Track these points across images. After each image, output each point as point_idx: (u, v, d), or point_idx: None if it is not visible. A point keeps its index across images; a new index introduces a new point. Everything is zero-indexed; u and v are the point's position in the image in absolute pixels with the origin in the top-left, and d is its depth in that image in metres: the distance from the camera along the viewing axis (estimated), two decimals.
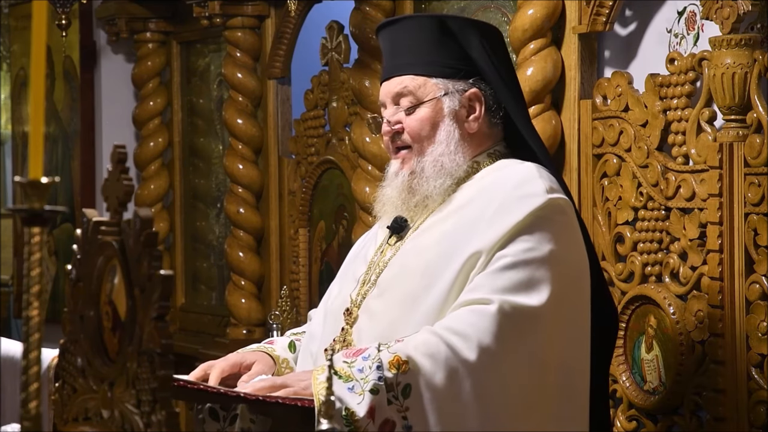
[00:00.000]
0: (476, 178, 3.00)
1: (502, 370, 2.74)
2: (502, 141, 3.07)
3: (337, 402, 2.65)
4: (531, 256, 2.81)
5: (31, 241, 1.96)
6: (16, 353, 4.06)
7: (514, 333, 2.75)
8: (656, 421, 3.53)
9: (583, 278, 2.91)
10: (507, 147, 3.07)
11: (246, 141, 5.26)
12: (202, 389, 2.85)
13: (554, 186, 2.92)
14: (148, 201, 5.89)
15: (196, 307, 5.86)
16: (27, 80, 6.40)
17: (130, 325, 2.13)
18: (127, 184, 2.16)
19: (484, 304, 2.75)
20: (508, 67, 3.10)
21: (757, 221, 3.23)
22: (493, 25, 3.18)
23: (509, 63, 3.13)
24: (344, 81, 4.80)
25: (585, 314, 2.90)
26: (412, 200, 3.00)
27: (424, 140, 3.00)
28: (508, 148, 3.07)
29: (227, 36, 5.27)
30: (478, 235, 2.84)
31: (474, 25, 3.07)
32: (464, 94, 3.01)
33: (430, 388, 2.70)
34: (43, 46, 1.99)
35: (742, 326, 3.26)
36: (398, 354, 2.71)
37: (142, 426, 2.07)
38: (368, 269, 3.03)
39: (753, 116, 3.25)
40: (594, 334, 2.92)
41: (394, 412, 2.69)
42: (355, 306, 2.97)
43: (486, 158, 3.04)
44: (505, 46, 3.14)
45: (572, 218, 2.94)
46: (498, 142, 3.07)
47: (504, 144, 3.08)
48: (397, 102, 3.03)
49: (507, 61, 3.11)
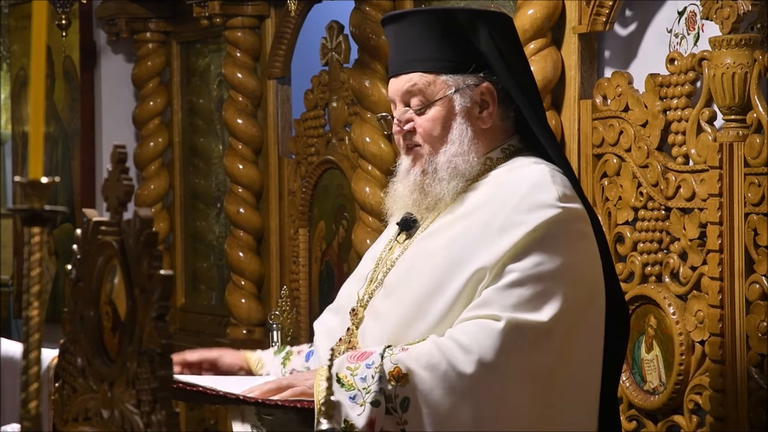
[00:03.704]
0: (490, 176, 2.91)
1: (502, 387, 2.69)
2: (516, 135, 2.97)
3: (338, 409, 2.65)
4: (541, 270, 2.74)
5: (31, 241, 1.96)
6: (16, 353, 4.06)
7: (519, 350, 2.70)
8: (656, 421, 3.53)
9: (597, 290, 2.84)
10: (521, 140, 2.97)
11: (246, 141, 5.26)
12: (201, 391, 2.85)
13: (567, 192, 2.83)
14: (148, 201, 5.88)
15: (196, 307, 5.86)
16: (27, 80, 6.39)
17: (130, 325, 2.13)
18: (127, 184, 2.16)
19: (493, 320, 2.70)
20: (519, 57, 2.99)
21: (757, 221, 3.22)
22: (504, 13, 3.09)
23: (521, 53, 3.02)
24: (344, 81, 4.79)
25: (598, 327, 2.83)
26: (423, 201, 2.92)
27: (436, 140, 2.91)
28: (522, 141, 2.97)
29: (227, 36, 5.27)
30: (487, 246, 2.77)
31: (483, 17, 2.95)
32: (475, 89, 2.90)
33: (427, 403, 2.68)
34: (43, 46, 1.99)
35: (742, 326, 3.26)
36: (399, 365, 2.69)
37: (142, 426, 2.07)
38: (376, 266, 2.98)
39: (753, 116, 3.25)
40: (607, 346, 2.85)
41: (393, 424, 2.67)
42: (362, 306, 2.93)
43: (500, 153, 2.94)
44: (516, 35, 3.03)
45: (585, 227, 2.85)
46: (512, 136, 2.97)
47: (518, 137, 2.97)
48: (406, 101, 2.93)
49: (518, 52, 3.00)
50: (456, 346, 2.70)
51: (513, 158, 2.95)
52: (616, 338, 2.94)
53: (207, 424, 5.47)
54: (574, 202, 2.84)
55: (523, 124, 2.96)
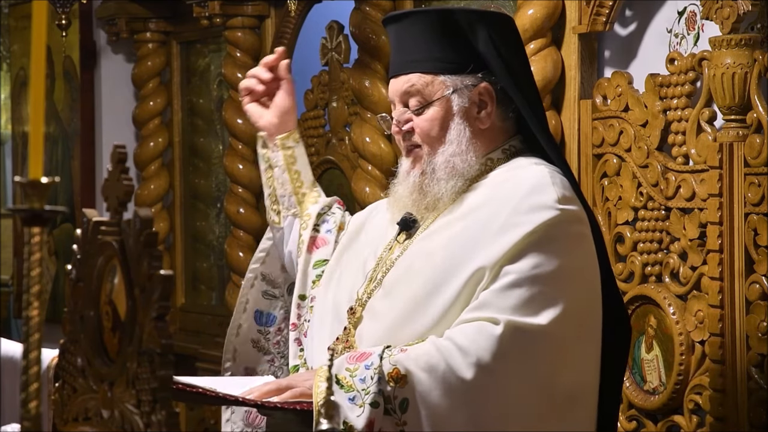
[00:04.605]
0: (490, 176, 2.90)
1: (501, 390, 2.69)
2: (517, 135, 2.96)
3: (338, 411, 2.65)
4: (540, 272, 2.73)
5: (31, 241, 1.96)
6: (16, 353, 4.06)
7: (517, 353, 2.69)
8: (656, 421, 3.53)
9: (595, 293, 2.83)
10: (523, 141, 2.96)
11: (246, 141, 5.26)
12: (201, 392, 2.84)
13: (567, 194, 2.82)
14: (148, 201, 5.89)
15: (196, 307, 5.86)
16: (27, 80, 6.39)
17: (130, 325, 2.13)
18: (127, 184, 2.16)
19: (492, 323, 2.70)
20: (519, 58, 2.98)
21: (757, 221, 3.22)
22: (505, 14, 3.08)
23: (521, 54, 3.01)
24: (344, 81, 4.79)
25: (595, 330, 2.83)
26: (422, 201, 2.92)
27: (434, 141, 2.90)
28: (524, 142, 2.96)
29: (227, 36, 5.27)
30: (485, 246, 2.77)
31: (482, 17, 2.94)
32: (473, 89, 2.90)
33: (426, 404, 2.68)
34: (43, 46, 1.99)
35: (742, 326, 3.26)
36: (398, 366, 2.69)
37: (142, 426, 2.07)
38: (376, 266, 2.97)
39: (753, 116, 3.25)
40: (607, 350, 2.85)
41: (392, 425, 2.67)
42: (360, 305, 2.93)
43: (500, 154, 2.93)
44: (517, 35, 3.01)
45: (584, 228, 2.84)
46: (512, 137, 2.96)
47: (520, 138, 2.96)
48: (405, 101, 2.93)
49: (518, 53, 2.98)
50: (455, 348, 2.69)
51: (513, 159, 2.94)
52: (617, 342, 2.93)
53: (207, 424, 5.47)
54: (573, 204, 2.83)
55: (525, 124, 2.95)
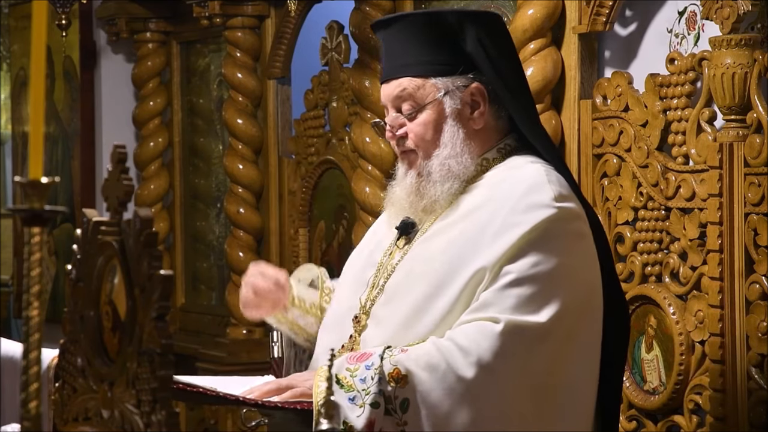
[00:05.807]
0: (486, 177, 2.90)
1: (501, 389, 2.69)
2: (511, 133, 2.95)
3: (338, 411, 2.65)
4: (539, 271, 2.73)
5: (31, 241, 1.96)
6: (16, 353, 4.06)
7: (517, 352, 2.69)
8: (656, 421, 3.53)
9: (595, 290, 2.83)
10: (518, 139, 2.95)
11: (246, 141, 5.26)
12: (201, 392, 2.85)
13: (564, 191, 2.82)
14: (148, 201, 5.89)
15: (196, 307, 5.86)
16: (27, 80, 6.39)
17: (130, 325, 2.13)
18: (127, 184, 2.16)
19: (492, 322, 2.70)
20: (509, 57, 2.96)
21: (757, 221, 3.22)
22: (494, 13, 3.05)
23: (512, 53, 2.99)
24: (344, 81, 4.80)
25: (595, 328, 2.82)
26: (419, 203, 2.91)
27: (428, 144, 2.89)
28: (519, 140, 2.95)
29: (227, 36, 5.27)
30: (484, 247, 2.77)
31: (470, 18, 2.91)
32: (465, 90, 2.88)
33: (427, 404, 2.67)
34: (43, 46, 1.99)
35: (742, 326, 3.26)
36: (398, 366, 2.69)
37: (142, 426, 2.07)
38: (377, 272, 2.96)
39: (753, 116, 3.25)
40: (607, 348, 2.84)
41: (393, 425, 2.67)
42: (364, 313, 2.92)
43: (496, 154, 2.93)
44: (506, 35, 2.99)
45: (582, 226, 2.84)
46: (507, 135, 2.94)
47: (514, 136, 2.95)
48: (397, 106, 2.92)
49: (508, 52, 2.97)
50: (455, 348, 2.69)
51: (509, 158, 2.93)
52: (617, 339, 2.93)
53: (207, 424, 5.47)
54: (571, 201, 2.83)
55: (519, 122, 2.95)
